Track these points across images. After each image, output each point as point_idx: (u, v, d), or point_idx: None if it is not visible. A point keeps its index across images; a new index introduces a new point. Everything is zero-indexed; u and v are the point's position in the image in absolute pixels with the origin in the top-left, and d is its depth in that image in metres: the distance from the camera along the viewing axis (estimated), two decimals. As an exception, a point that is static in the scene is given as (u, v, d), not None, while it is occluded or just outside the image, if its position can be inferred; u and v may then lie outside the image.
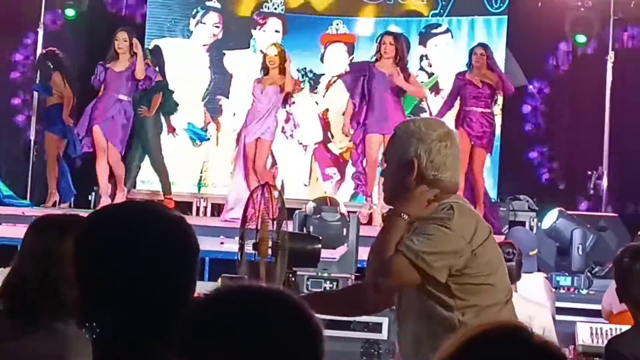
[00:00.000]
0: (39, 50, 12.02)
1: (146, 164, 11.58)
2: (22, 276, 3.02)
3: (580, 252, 8.39)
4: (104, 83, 10.66)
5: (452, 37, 12.24)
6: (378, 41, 10.57)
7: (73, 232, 3.00)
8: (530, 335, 1.49)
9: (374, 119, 10.40)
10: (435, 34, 12.39)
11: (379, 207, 10.26)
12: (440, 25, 12.43)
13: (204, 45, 12.69)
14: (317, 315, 1.65)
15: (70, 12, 12.38)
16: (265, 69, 10.56)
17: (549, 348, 1.49)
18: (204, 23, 12.72)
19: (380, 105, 10.39)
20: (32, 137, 12.06)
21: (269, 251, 4.82)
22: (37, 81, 11.93)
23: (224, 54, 12.64)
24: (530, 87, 12.04)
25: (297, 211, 8.12)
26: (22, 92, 12.41)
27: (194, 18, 12.71)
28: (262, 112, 10.52)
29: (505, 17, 12.14)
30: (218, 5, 12.72)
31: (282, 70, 10.51)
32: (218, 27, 12.70)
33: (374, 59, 10.53)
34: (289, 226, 5.71)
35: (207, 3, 12.69)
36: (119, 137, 10.66)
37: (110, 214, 2.11)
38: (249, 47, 12.47)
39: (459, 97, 10.74)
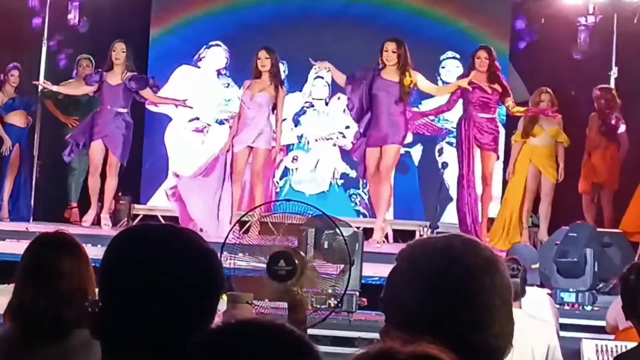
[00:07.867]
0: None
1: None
2: (23, 293, 3.05)
3: (589, 270, 8.34)
4: (100, 96, 10.77)
5: (460, 57, 12.16)
6: (380, 49, 10.09)
7: (67, 249, 3.05)
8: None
9: (375, 132, 10.05)
10: (442, 59, 12.36)
11: (380, 221, 10.16)
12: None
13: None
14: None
15: None
16: (257, 72, 10.37)
17: None
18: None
19: (384, 117, 10.01)
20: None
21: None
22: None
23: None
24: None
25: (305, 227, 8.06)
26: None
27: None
28: (251, 119, 10.33)
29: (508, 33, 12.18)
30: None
31: (274, 76, 10.36)
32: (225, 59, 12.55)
33: (380, 67, 10.10)
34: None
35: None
36: (119, 149, 10.72)
37: (140, 236, 2.09)
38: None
39: (461, 100, 10.43)
